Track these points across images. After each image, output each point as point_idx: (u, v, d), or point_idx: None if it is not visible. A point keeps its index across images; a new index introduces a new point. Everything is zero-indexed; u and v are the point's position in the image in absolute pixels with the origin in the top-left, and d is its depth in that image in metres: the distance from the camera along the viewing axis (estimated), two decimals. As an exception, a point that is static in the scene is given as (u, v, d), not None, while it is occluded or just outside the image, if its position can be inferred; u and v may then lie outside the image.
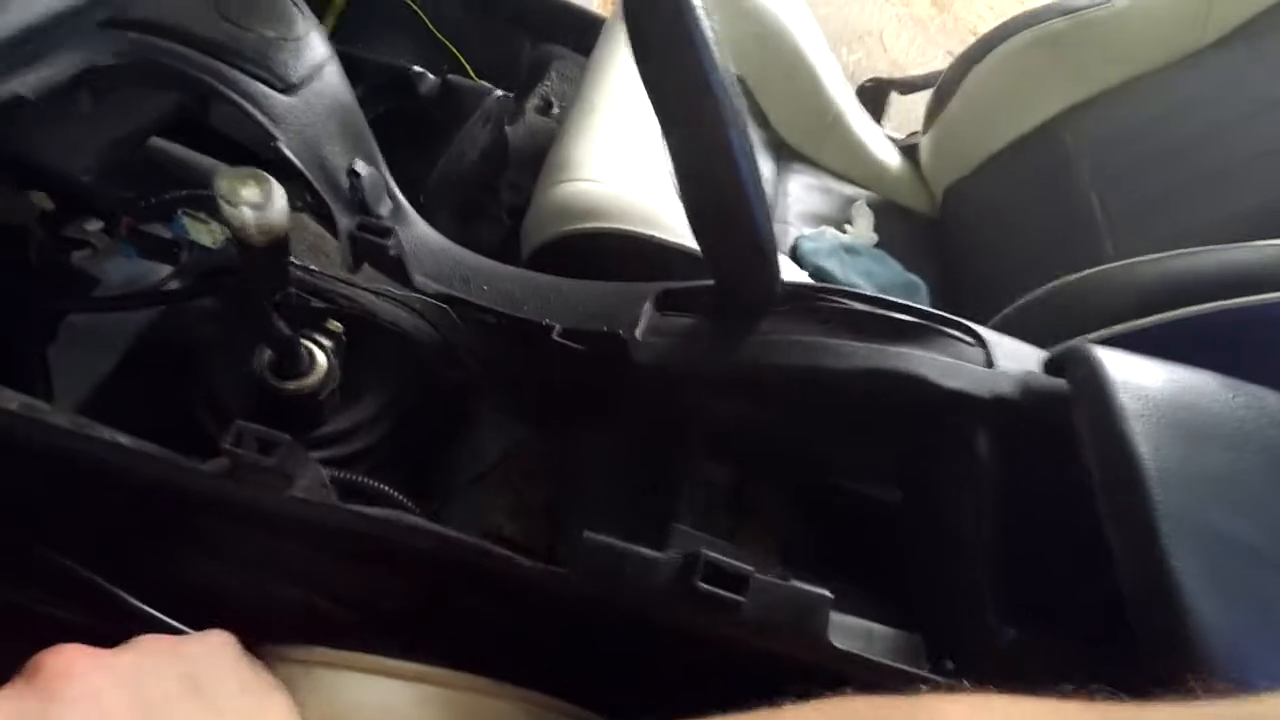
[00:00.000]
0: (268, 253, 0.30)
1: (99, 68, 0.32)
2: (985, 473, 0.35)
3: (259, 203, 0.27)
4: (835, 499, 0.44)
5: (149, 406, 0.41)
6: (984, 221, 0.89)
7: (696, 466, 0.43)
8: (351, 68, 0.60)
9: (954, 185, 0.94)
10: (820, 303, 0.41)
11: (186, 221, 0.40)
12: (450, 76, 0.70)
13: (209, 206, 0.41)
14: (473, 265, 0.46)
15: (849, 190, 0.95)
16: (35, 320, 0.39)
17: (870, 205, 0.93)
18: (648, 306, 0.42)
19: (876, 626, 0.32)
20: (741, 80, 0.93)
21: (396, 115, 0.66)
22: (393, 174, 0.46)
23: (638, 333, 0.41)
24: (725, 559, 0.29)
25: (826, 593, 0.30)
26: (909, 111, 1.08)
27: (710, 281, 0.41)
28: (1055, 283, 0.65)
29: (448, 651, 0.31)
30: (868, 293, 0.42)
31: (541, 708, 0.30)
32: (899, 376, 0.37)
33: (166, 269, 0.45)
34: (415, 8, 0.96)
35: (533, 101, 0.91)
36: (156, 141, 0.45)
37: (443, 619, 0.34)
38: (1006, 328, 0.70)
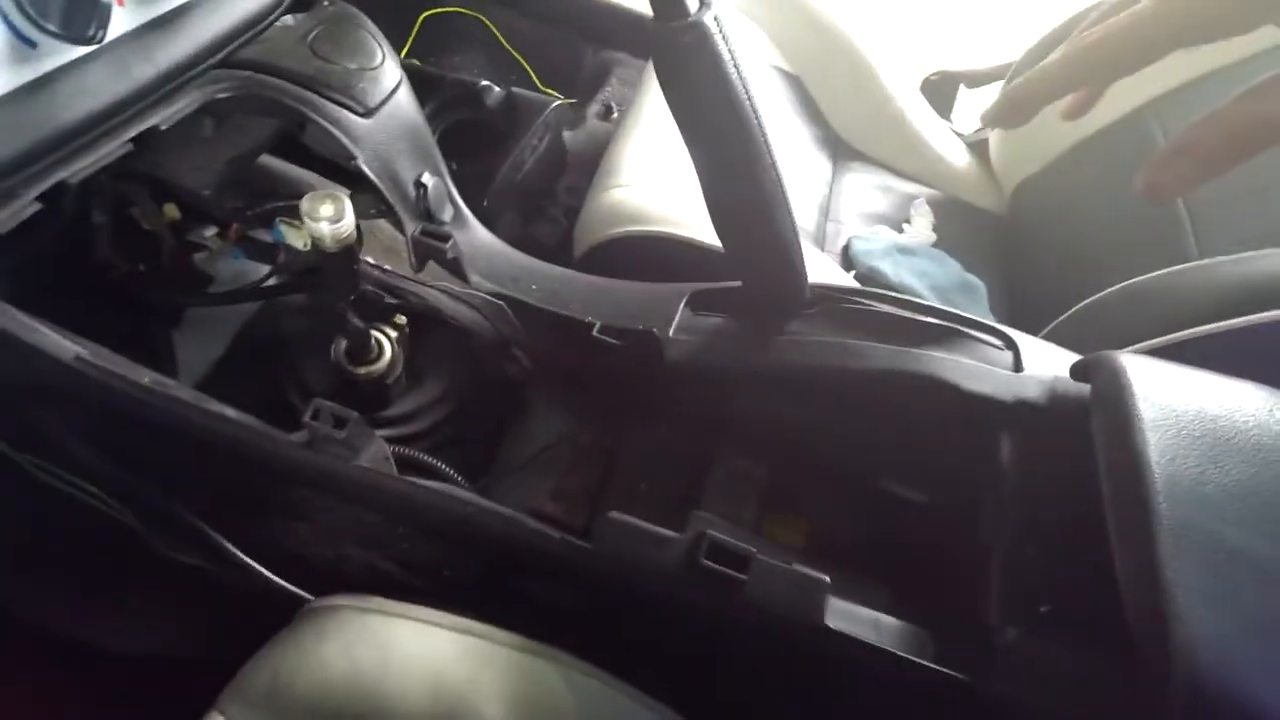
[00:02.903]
0: (340, 258, 0.35)
1: (217, 100, 0.39)
2: (1006, 478, 0.35)
3: (334, 217, 0.32)
4: (867, 497, 0.45)
5: (252, 386, 0.48)
6: (1057, 219, 0.84)
7: (729, 461, 0.45)
8: (425, 83, 0.66)
9: (1026, 181, 0.90)
10: (847, 305, 0.42)
11: (283, 228, 0.46)
12: (514, 90, 0.75)
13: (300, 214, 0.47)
14: (523, 266, 0.50)
15: (910, 188, 0.92)
16: (164, 312, 0.47)
17: (932, 204, 0.90)
18: (682, 306, 0.45)
19: (885, 618, 0.33)
20: (797, 78, 0.93)
21: (465, 125, 0.72)
22: (461, 179, 0.51)
23: (670, 331, 0.43)
24: (728, 539, 0.32)
25: (825, 577, 0.31)
26: (979, 106, 1.03)
27: (739, 283, 0.43)
28: (1128, 282, 0.61)
29: (502, 621, 0.34)
30: (899, 296, 0.42)
31: (572, 669, 0.33)
32: (920, 378, 0.37)
33: (265, 269, 0.52)
34: (487, 21, 1.02)
35: (594, 108, 0.95)
36: (264, 159, 0.52)
37: (494, 593, 0.38)
38: (1072, 328, 0.67)
